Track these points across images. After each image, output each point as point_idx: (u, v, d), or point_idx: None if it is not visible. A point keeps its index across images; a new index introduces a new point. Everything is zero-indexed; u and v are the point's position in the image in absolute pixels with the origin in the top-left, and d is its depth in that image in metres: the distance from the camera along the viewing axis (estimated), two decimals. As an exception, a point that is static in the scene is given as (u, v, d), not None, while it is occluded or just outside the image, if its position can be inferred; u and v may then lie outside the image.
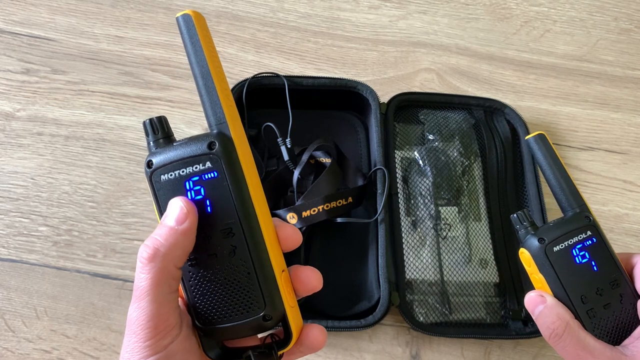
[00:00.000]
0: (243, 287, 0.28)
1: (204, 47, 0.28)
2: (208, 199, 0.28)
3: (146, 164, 0.29)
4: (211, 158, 0.28)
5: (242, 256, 0.28)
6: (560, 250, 0.36)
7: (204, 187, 0.28)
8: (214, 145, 0.28)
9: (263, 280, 0.28)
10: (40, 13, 0.68)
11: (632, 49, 0.73)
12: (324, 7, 0.72)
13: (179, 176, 0.28)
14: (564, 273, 0.36)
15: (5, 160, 0.60)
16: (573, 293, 0.36)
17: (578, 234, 0.37)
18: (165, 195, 0.29)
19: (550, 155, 0.40)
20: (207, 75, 0.29)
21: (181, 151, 0.29)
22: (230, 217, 0.28)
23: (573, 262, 0.36)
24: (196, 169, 0.28)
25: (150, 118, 0.30)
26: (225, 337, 0.30)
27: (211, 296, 0.29)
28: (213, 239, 0.28)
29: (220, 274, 0.28)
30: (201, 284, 0.29)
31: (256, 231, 0.28)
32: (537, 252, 0.36)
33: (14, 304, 0.54)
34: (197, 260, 0.29)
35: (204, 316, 0.29)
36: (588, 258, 0.36)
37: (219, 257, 0.28)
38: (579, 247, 0.36)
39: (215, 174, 0.28)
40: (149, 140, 0.30)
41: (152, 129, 0.30)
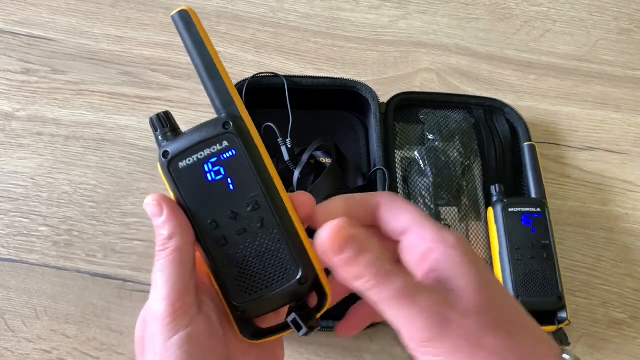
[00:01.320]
0: (276, 255, 0.30)
1: (204, 37, 0.30)
2: (229, 177, 0.29)
3: (161, 155, 0.30)
4: (227, 137, 0.29)
5: (271, 225, 0.29)
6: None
7: (224, 167, 0.29)
8: (229, 125, 0.29)
9: (293, 245, 0.30)
10: (40, 13, 0.68)
11: (632, 49, 0.73)
12: (324, 7, 0.72)
13: (197, 160, 0.29)
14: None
15: (5, 160, 0.60)
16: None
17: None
18: (186, 182, 0.30)
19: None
20: (211, 62, 0.30)
21: (196, 136, 0.30)
22: (254, 189, 0.29)
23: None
24: (214, 149, 0.29)
25: (157, 113, 0.31)
26: (263, 311, 0.31)
27: (246, 271, 0.30)
28: (241, 214, 0.30)
29: (253, 247, 0.30)
30: (234, 261, 0.30)
31: (280, 199, 0.30)
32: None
33: (14, 304, 0.54)
34: (227, 239, 0.30)
35: (240, 293, 0.30)
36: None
37: (249, 231, 0.30)
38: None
39: (234, 152, 0.29)
40: (157, 134, 0.31)
41: (160, 123, 0.31)
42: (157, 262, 0.29)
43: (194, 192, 0.30)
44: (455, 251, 0.28)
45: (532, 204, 0.56)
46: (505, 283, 0.53)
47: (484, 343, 0.26)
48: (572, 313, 0.57)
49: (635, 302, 0.59)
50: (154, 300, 0.29)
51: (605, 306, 0.58)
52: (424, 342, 0.26)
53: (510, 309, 0.28)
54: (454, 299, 0.26)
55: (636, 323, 0.58)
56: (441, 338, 0.25)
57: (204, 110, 0.64)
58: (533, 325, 0.28)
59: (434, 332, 0.25)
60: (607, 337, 0.57)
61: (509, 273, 0.53)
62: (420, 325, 0.26)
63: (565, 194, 0.64)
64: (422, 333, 0.26)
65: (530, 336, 0.27)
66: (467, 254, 0.28)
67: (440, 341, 0.25)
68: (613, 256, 0.61)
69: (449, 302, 0.26)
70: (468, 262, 0.28)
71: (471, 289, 0.27)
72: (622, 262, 0.60)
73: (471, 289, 0.27)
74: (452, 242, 0.28)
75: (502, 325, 0.26)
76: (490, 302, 0.27)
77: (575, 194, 0.64)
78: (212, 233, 0.30)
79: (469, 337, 0.25)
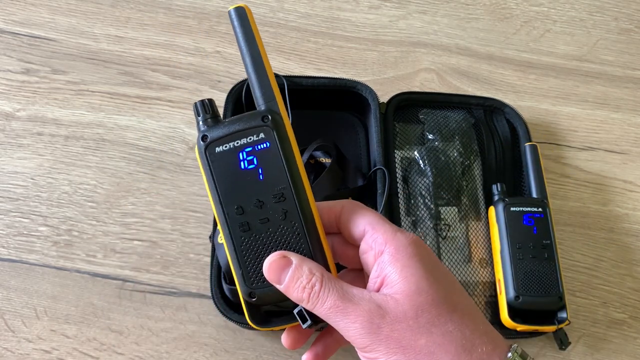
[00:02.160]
0: (293, 247, 0.31)
1: (255, 34, 0.32)
2: (260, 167, 0.31)
3: (200, 138, 0.32)
4: (264, 130, 0.31)
5: (293, 218, 0.31)
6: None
7: (257, 157, 0.31)
8: (267, 119, 0.31)
9: (311, 240, 0.31)
10: (40, 13, 0.68)
11: (632, 48, 0.73)
12: (324, 7, 0.72)
13: (233, 147, 0.31)
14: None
15: (5, 160, 0.60)
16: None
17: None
18: (220, 166, 0.31)
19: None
20: (259, 58, 0.32)
21: (235, 125, 0.31)
22: (282, 183, 0.31)
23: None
24: (250, 140, 0.31)
25: (201, 99, 0.33)
26: (273, 300, 0.32)
27: (263, 258, 0.31)
28: (266, 204, 0.31)
29: (273, 236, 0.31)
30: (253, 247, 0.31)
31: (305, 195, 0.31)
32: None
33: (14, 304, 0.54)
34: (249, 226, 0.31)
35: (255, 279, 0.32)
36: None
37: (272, 220, 0.31)
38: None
39: (268, 144, 0.31)
40: (199, 119, 0.32)
41: (203, 109, 0.32)
42: None
43: (226, 176, 0.32)
44: (401, 253, 0.29)
45: (533, 204, 0.56)
46: (506, 282, 0.53)
47: (416, 345, 0.27)
48: (572, 313, 0.57)
49: (635, 302, 0.59)
50: None
51: (605, 306, 0.58)
52: (362, 348, 0.29)
53: (454, 309, 0.29)
54: (390, 305, 0.28)
55: (636, 323, 0.58)
56: (374, 345, 0.28)
57: (204, 110, 0.64)
58: (480, 325, 0.29)
59: (367, 340, 0.28)
60: (607, 337, 0.57)
61: (510, 272, 0.53)
62: (355, 335, 0.28)
63: (565, 194, 0.64)
64: (359, 340, 0.28)
65: (473, 335, 0.28)
66: (414, 255, 0.29)
67: (375, 348, 0.28)
68: (613, 256, 0.61)
69: (381, 310, 0.28)
70: (411, 264, 0.29)
71: (407, 292, 0.28)
72: (622, 262, 0.60)
73: (407, 293, 0.28)
74: (401, 244, 0.30)
75: (438, 326, 0.28)
76: (427, 304, 0.28)
77: (576, 194, 0.64)
78: (236, 217, 0.31)
79: (400, 341, 0.28)
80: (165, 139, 0.62)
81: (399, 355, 0.28)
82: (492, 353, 0.28)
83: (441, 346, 0.27)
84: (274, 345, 0.54)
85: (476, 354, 0.28)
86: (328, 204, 0.33)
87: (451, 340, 0.28)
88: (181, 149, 0.62)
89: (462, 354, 0.27)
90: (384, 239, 0.30)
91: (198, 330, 0.53)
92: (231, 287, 0.49)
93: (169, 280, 0.55)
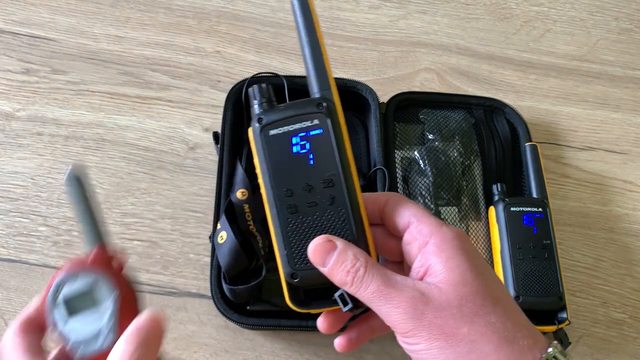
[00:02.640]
0: (338, 232, 0.32)
1: (316, 24, 0.33)
2: (312, 153, 0.32)
3: (256, 120, 0.32)
4: (319, 116, 0.32)
5: (340, 204, 0.32)
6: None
7: (309, 142, 0.32)
8: (322, 106, 0.32)
9: (357, 227, 0.32)
10: (40, 13, 0.68)
11: (633, 48, 0.73)
12: (324, 7, 0.72)
13: (287, 131, 0.32)
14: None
15: (5, 160, 0.60)
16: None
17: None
18: (273, 148, 0.32)
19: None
20: (318, 47, 0.33)
21: (290, 110, 0.32)
22: (332, 169, 0.32)
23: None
24: (304, 125, 0.32)
25: (258, 84, 0.34)
26: (315, 282, 0.33)
27: (308, 241, 0.32)
28: (315, 188, 0.32)
29: (319, 220, 0.32)
30: (299, 229, 0.32)
31: (353, 184, 0.32)
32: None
33: (14, 304, 0.54)
34: (297, 209, 0.32)
35: (298, 261, 0.32)
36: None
37: (319, 205, 0.32)
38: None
39: (321, 130, 0.32)
40: (255, 102, 0.33)
41: (260, 92, 0.33)
42: None
43: (278, 159, 0.32)
44: (447, 245, 0.30)
45: (534, 204, 0.56)
46: (506, 282, 0.53)
47: (458, 333, 0.28)
48: (572, 313, 0.57)
49: (635, 302, 0.59)
50: None
51: (606, 306, 0.58)
52: (404, 333, 0.29)
53: (497, 302, 0.29)
54: (434, 293, 0.29)
55: (636, 323, 0.58)
56: (417, 330, 0.28)
57: (204, 110, 0.64)
58: (521, 319, 0.30)
59: (410, 324, 0.29)
60: (607, 337, 0.57)
61: (510, 272, 0.53)
62: (397, 319, 0.29)
63: (565, 194, 0.64)
64: (401, 325, 0.29)
65: (514, 328, 0.29)
66: (460, 248, 0.30)
67: (417, 333, 0.28)
68: (613, 256, 0.61)
69: (425, 297, 0.29)
70: (457, 256, 0.30)
71: (452, 282, 0.29)
72: (622, 262, 0.60)
73: (452, 283, 0.29)
74: (447, 237, 0.30)
75: (481, 316, 0.28)
76: (471, 295, 0.29)
77: (576, 194, 0.64)
78: (285, 199, 0.32)
79: (443, 328, 0.28)
80: (165, 139, 0.62)
81: (441, 342, 0.28)
82: (533, 347, 0.28)
83: (484, 335, 0.28)
84: (274, 345, 0.54)
85: (517, 346, 0.28)
86: (373, 195, 0.34)
87: (494, 331, 0.28)
88: (181, 149, 0.62)
89: (504, 344, 0.28)
90: (429, 230, 0.31)
91: (198, 331, 0.53)
92: (231, 287, 0.49)
93: (169, 281, 0.55)
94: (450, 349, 0.28)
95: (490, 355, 0.28)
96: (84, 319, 0.33)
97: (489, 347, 0.28)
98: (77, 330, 0.33)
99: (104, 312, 0.33)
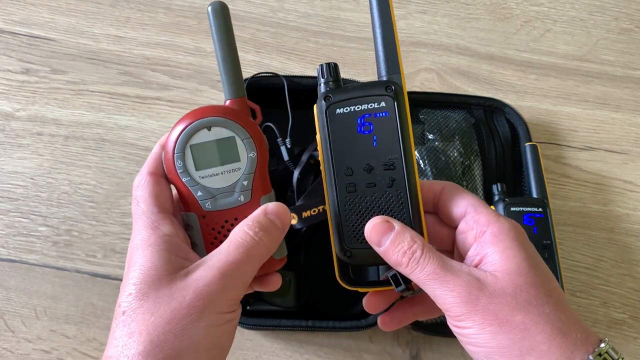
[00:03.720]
0: (395, 214, 0.33)
1: (391, 9, 0.34)
2: (376, 134, 0.32)
3: (323, 98, 0.33)
4: (386, 99, 0.32)
5: (399, 187, 0.33)
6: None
7: (374, 124, 0.32)
8: (390, 89, 0.32)
9: (413, 211, 0.33)
10: (40, 13, 0.68)
11: (633, 48, 0.73)
12: (324, 7, 0.72)
13: (353, 111, 0.33)
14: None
15: (5, 160, 0.60)
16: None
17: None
18: (338, 126, 0.33)
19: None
20: (391, 33, 0.34)
21: (358, 91, 0.33)
22: (394, 152, 0.32)
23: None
24: (370, 107, 0.32)
25: (327, 62, 0.34)
26: (367, 262, 0.34)
27: (364, 221, 0.33)
28: (375, 169, 0.33)
29: (377, 201, 0.33)
30: (356, 208, 0.33)
31: (413, 169, 0.33)
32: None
33: (14, 304, 0.54)
34: (356, 188, 0.33)
35: (353, 239, 0.33)
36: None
37: (378, 186, 0.33)
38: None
39: (387, 113, 0.32)
40: (322, 81, 0.34)
41: (328, 71, 0.34)
42: None
43: (342, 137, 0.33)
44: (504, 235, 0.31)
45: (534, 204, 0.56)
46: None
47: (511, 320, 0.28)
48: (572, 313, 0.57)
49: (636, 302, 0.59)
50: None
51: (606, 306, 0.58)
52: (456, 317, 0.30)
53: (551, 294, 0.30)
54: (489, 280, 0.29)
55: (636, 323, 0.58)
56: (470, 314, 0.29)
57: (203, 110, 0.64)
58: (573, 314, 0.30)
59: (464, 308, 0.29)
60: (608, 337, 0.57)
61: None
62: (451, 302, 0.29)
63: (565, 194, 0.64)
64: (454, 309, 0.29)
65: (568, 321, 0.29)
66: (516, 239, 0.31)
67: (470, 317, 0.29)
68: (613, 256, 0.61)
69: (480, 284, 0.29)
70: (514, 247, 0.30)
71: (508, 271, 0.30)
72: (623, 262, 0.60)
73: (507, 272, 0.30)
74: (504, 227, 0.31)
75: (536, 306, 0.29)
76: (526, 285, 0.29)
77: (576, 194, 0.64)
78: (345, 178, 0.33)
79: (497, 314, 0.28)
80: (165, 139, 0.62)
81: (494, 327, 0.28)
82: (586, 341, 0.29)
83: (537, 324, 0.28)
84: (274, 345, 0.54)
85: (571, 338, 0.28)
86: (428, 183, 0.35)
87: (547, 321, 0.28)
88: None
89: (557, 335, 0.28)
90: (486, 220, 0.32)
91: (198, 331, 0.53)
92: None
93: (169, 281, 0.55)
94: (503, 334, 0.28)
95: (543, 344, 0.28)
96: (216, 170, 0.33)
97: (542, 336, 0.28)
98: (208, 180, 0.33)
99: (239, 169, 0.33)
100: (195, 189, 0.33)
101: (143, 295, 0.29)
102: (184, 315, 0.28)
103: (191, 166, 0.33)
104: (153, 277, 0.29)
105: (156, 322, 0.28)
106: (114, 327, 0.30)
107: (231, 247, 0.30)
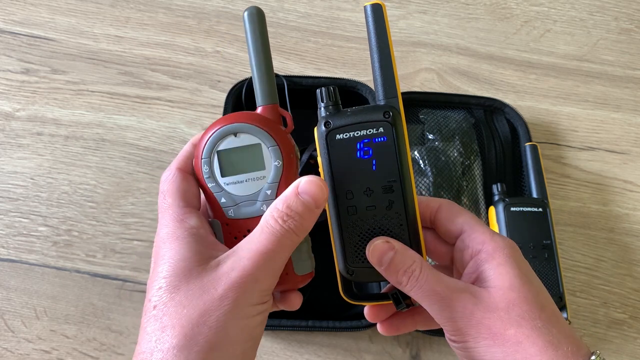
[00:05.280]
0: (394, 235, 0.34)
1: (388, 32, 0.34)
2: (375, 159, 0.33)
3: (323, 124, 0.34)
4: (384, 125, 0.33)
5: (397, 210, 0.34)
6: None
7: (373, 149, 0.33)
8: (389, 115, 0.33)
9: (411, 232, 0.34)
10: (40, 13, 0.68)
11: (633, 48, 0.73)
12: (324, 7, 0.72)
13: (352, 137, 0.33)
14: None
15: (5, 160, 0.60)
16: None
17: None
18: (338, 152, 0.33)
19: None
20: (388, 55, 0.34)
21: (358, 116, 0.34)
22: (393, 176, 0.33)
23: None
24: (369, 132, 0.33)
25: (326, 87, 0.34)
26: (369, 279, 0.35)
27: (365, 241, 0.34)
28: (375, 192, 0.34)
29: (377, 222, 0.34)
30: (357, 230, 0.34)
31: (412, 191, 0.34)
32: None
33: (14, 304, 0.54)
34: (356, 210, 0.34)
35: (355, 259, 0.34)
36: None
37: (377, 208, 0.34)
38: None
39: (385, 138, 0.33)
40: (321, 105, 0.34)
41: (327, 96, 0.34)
42: None
43: (342, 162, 0.34)
44: (498, 253, 0.32)
45: (534, 204, 0.56)
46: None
47: (504, 333, 0.30)
48: (572, 313, 0.57)
49: (636, 302, 0.59)
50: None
51: (606, 306, 0.58)
52: (453, 331, 0.31)
53: (543, 309, 0.31)
54: (483, 296, 0.31)
55: (636, 323, 0.58)
56: (465, 329, 0.30)
57: (204, 110, 0.64)
58: (565, 327, 0.31)
59: (459, 324, 0.31)
60: (608, 337, 0.57)
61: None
62: (447, 318, 0.31)
63: (565, 194, 0.64)
64: (450, 324, 0.31)
65: (559, 335, 0.30)
66: (510, 256, 0.32)
67: (465, 332, 0.30)
68: (613, 256, 0.61)
69: (475, 299, 0.31)
70: (507, 264, 0.32)
71: (501, 287, 0.31)
72: (623, 262, 0.60)
73: (501, 287, 0.31)
74: (498, 246, 0.32)
75: (528, 320, 0.30)
76: (519, 300, 0.30)
77: (576, 194, 0.64)
78: (346, 201, 0.34)
79: (491, 329, 0.30)
80: (165, 139, 0.62)
81: (488, 341, 0.30)
82: (577, 353, 0.29)
83: (529, 338, 0.29)
84: (274, 345, 0.54)
85: (562, 351, 0.29)
86: (426, 200, 0.36)
87: (539, 335, 0.29)
88: (181, 149, 0.61)
89: (549, 348, 0.29)
90: (482, 239, 0.33)
91: (198, 331, 0.53)
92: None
93: (169, 281, 0.55)
94: (497, 347, 0.30)
95: (535, 356, 0.29)
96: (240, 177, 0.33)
97: (534, 349, 0.29)
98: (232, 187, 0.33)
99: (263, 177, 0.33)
100: (220, 195, 0.33)
101: (174, 288, 0.29)
102: (217, 307, 0.28)
103: (217, 172, 0.33)
104: (183, 269, 0.29)
105: (189, 315, 0.28)
106: (144, 322, 0.29)
107: (263, 236, 0.30)
